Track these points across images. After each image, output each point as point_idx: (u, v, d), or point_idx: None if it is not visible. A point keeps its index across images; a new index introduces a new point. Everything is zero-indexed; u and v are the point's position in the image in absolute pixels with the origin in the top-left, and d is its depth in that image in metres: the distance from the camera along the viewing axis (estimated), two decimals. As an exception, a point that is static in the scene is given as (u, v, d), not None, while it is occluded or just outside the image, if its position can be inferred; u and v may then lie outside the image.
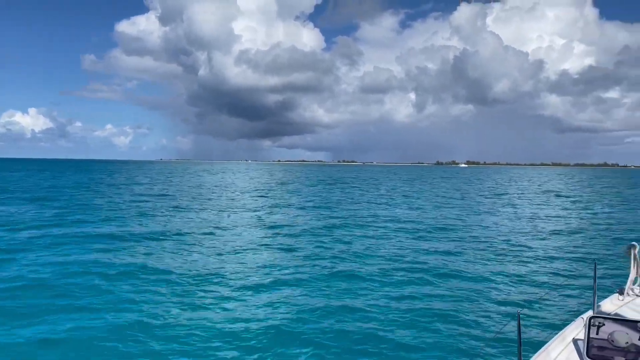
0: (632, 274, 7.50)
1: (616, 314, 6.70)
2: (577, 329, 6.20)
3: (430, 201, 48.59)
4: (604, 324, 5.33)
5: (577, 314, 7.07)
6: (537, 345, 6.23)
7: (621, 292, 7.50)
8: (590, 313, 6.37)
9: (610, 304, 7.18)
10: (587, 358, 5.41)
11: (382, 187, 75.16)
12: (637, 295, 7.42)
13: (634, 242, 7.62)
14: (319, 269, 16.35)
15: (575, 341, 5.94)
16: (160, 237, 22.53)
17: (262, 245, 21.00)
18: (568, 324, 6.52)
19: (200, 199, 44.99)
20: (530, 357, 5.60)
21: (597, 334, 5.38)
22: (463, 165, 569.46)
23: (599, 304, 7.07)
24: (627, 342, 5.27)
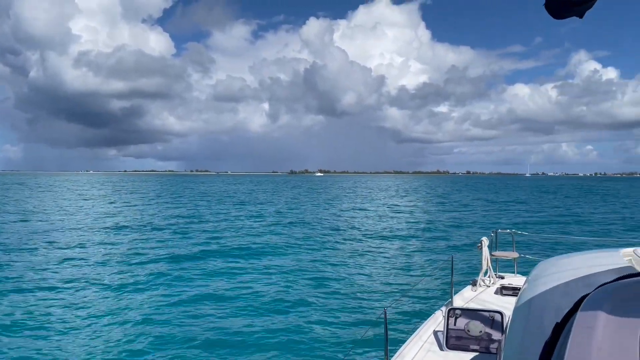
0: (483, 267, 8.10)
1: (470, 305, 7.19)
2: (437, 321, 6.44)
3: (284, 209, 48.99)
4: (460, 315, 5.55)
5: (438, 306, 7.44)
6: (403, 340, 6.35)
7: (474, 284, 8.06)
8: (448, 306, 6.67)
9: (465, 296, 7.61)
10: (446, 348, 5.57)
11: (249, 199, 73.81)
12: (487, 286, 8.05)
13: (484, 237, 8.28)
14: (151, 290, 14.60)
15: (435, 333, 6.11)
16: None
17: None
18: (429, 317, 6.79)
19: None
20: (396, 351, 5.71)
21: (454, 325, 5.57)
22: (318, 174, 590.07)
23: (456, 296, 7.42)
24: (481, 331, 5.56)
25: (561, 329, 1.60)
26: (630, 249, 2.67)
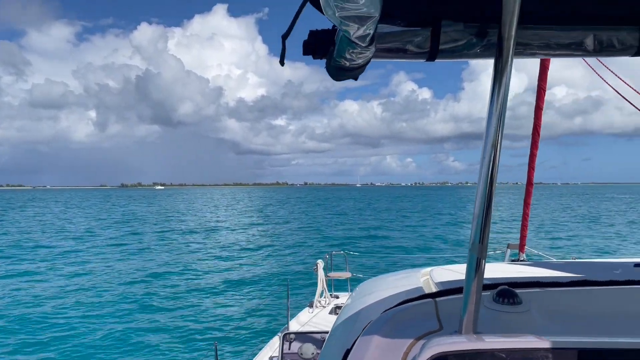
0: (319, 288, 8.20)
1: (307, 327, 7.17)
2: (273, 348, 6.35)
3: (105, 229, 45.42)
4: (294, 339, 5.54)
5: (275, 332, 7.28)
6: (238, 371, 6.09)
7: (311, 306, 8.12)
8: (284, 330, 6.61)
9: (302, 318, 7.60)
10: None
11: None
12: (323, 307, 8.14)
13: (319, 260, 8.41)
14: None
15: (271, 359, 6.04)
16: None
17: None
18: (265, 344, 6.64)
19: None
20: None
21: (289, 349, 5.55)
22: (159, 187, 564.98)
23: (293, 320, 7.42)
24: (313, 353, 5.59)
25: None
26: (428, 269, 2.70)
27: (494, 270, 2.70)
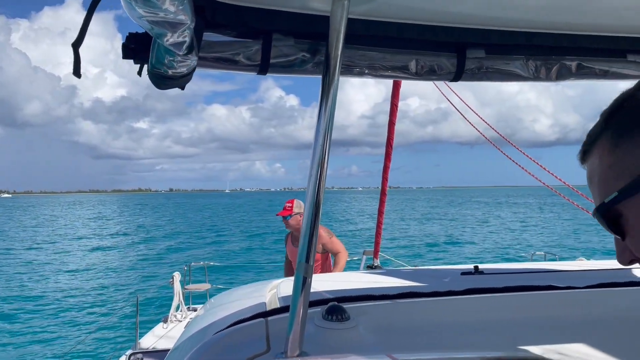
0: (175, 301, 7.79)
1: (160, 342, 6.78)
2: None
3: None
4: (142, 358, 5.28)
5: (122, 353, 6.82)
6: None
7: (165, 321, 7.70)
8: (132, 349, 6.26)
9: (155, 334, 7.21)
10: None
11: None
12: (179, 321, 7.76)
13: (176, 272, 7.99)
14: None
15: None
16: None
17: None
18: None
19: None
20: None
21: None
22: (6, 195, 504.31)
23: (143, 338, 7.01)
24: None
25: None
26: (278, 281, 2.51)
27: (339, 281, 2.69)
